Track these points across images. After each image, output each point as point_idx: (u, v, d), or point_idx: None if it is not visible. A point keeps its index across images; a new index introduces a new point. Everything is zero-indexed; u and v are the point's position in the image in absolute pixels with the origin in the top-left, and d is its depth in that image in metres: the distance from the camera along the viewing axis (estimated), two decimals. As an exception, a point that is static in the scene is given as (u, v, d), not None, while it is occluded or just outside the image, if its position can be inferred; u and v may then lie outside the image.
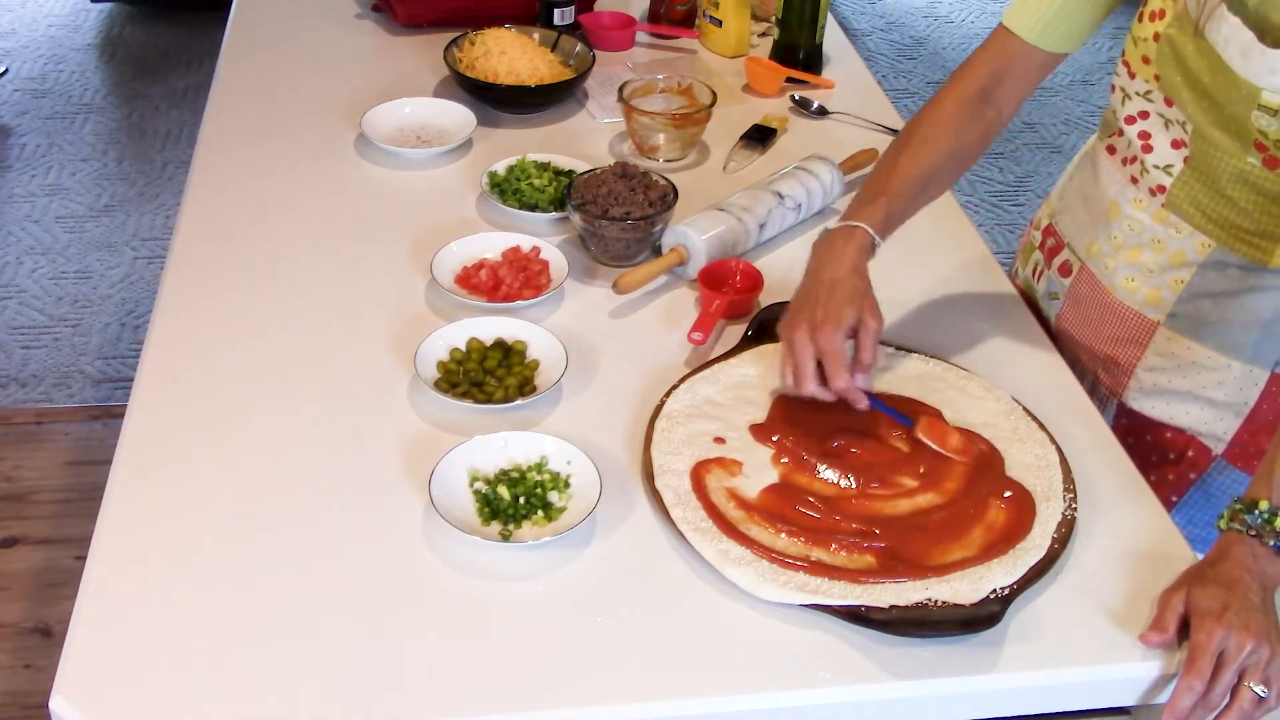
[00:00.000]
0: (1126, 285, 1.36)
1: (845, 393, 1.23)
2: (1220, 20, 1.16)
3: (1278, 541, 1.07)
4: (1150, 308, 1.34)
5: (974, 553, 1.13)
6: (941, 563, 1.11)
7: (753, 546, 1.11)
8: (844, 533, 1.14)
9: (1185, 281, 1.31)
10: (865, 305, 1.25)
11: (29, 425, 2.68)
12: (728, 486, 1.18)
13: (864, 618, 1.06)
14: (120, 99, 3.88)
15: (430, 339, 1.33)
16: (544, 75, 1.84)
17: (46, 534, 2.43)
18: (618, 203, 1.50)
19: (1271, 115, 1.15)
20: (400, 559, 1.12)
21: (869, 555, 1.12)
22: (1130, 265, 1.35)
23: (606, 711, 1.00)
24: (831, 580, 1.09)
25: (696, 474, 1.19)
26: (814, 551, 1.12)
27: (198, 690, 1.00)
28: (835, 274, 1.27)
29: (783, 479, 1.20)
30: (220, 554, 1.12)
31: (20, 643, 2.22)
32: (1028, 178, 3.66)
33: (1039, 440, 1.25)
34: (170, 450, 1.22)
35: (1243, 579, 1.06)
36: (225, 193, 1.63)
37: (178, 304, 1.42)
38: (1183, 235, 1.29)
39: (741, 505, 1.16)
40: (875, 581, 1.09)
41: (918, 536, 1.14)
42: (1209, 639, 1.02)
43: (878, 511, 1.17)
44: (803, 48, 1.97)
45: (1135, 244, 1.34)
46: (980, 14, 4.67)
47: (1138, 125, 1.31)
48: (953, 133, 1.34)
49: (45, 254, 3.17)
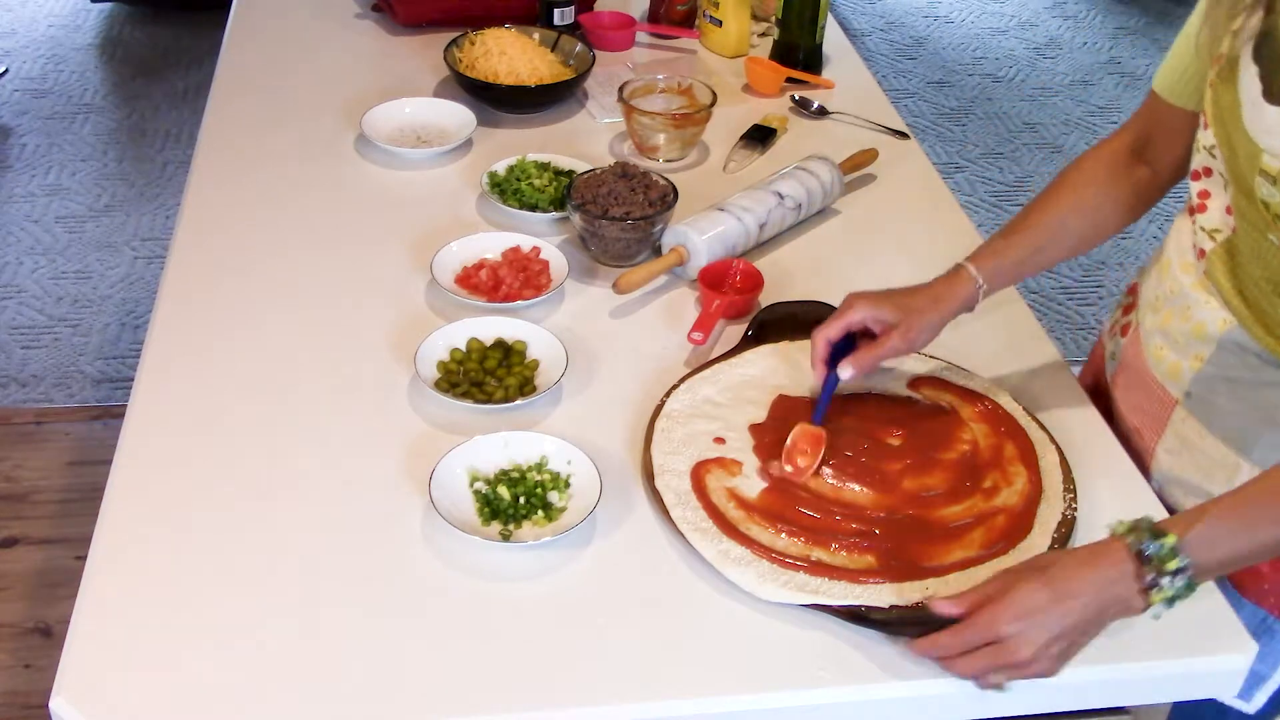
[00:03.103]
0: (1156, 353, 1.26)
1: (813, 363, 1.27)
2: (1244, 67, 1.07)
3: (1155, 578, 0.98)
4: (1171, 382, 1.24)
5: (974, 552, 1.13)
6: (941, 563, 1.12)
7: (753, 546, 1.11)
8: (844, 533, 1.14)
9: (1204, 359, 1.20)
10: (908, 323, 1.24)
11: (29, 425, 2.68)
12: (728, 486, 1.18)
13: (864, 617, 1.06)
14: (120, 99, 3.88)
15: (430, 339, 1.33)
16: (544, 75, 1.84)
17: (46, 534, 2.43)
18: (618, 203, 1.50)
19: (1272, 183, 1.05)
20: (400, 559, 1.12)
21: (869, 555, 1.12)
22: (1162, 332, 1.25)
23: (606, 711, 1.00)
24: (832, 580, 1.09)
25: (697, 474, 1.19)
26: (814, 551, 1.12)
27: (198, 690, 1.00)
28: (916, 288, 1.27)
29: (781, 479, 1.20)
30: (220, 554, 1.12)
31: (20, 643, 2.22)
32: (1028, 178, 3.66)
33: (1039, 440, 1.25)
34: (170, 450, 1.22)
35: (1083, 598, 0.98)
36: (225, 192, 1.63)
37: (177, 304, 1.42)
38: (1210, 308, 1.18)
39: (742, 505, 1.16)
40: (875, 581, 1.09)
41: (918, 536, 1.14)
42: (990, 625, 0.97)
43: (875, 509, 1.17)
44: (803, 48, 1.97)
45: (1170, 308, 1.24)
46: (980, 14, 4.67)
47: (1201, 182, 1.19)
48: (1091, 184, 1.28)
49: (45, 254, 3.17)
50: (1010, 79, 4.22)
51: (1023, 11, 4.70)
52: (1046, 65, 4.32)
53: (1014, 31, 4.55)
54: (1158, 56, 4.40)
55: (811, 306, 1.40)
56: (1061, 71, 4.29)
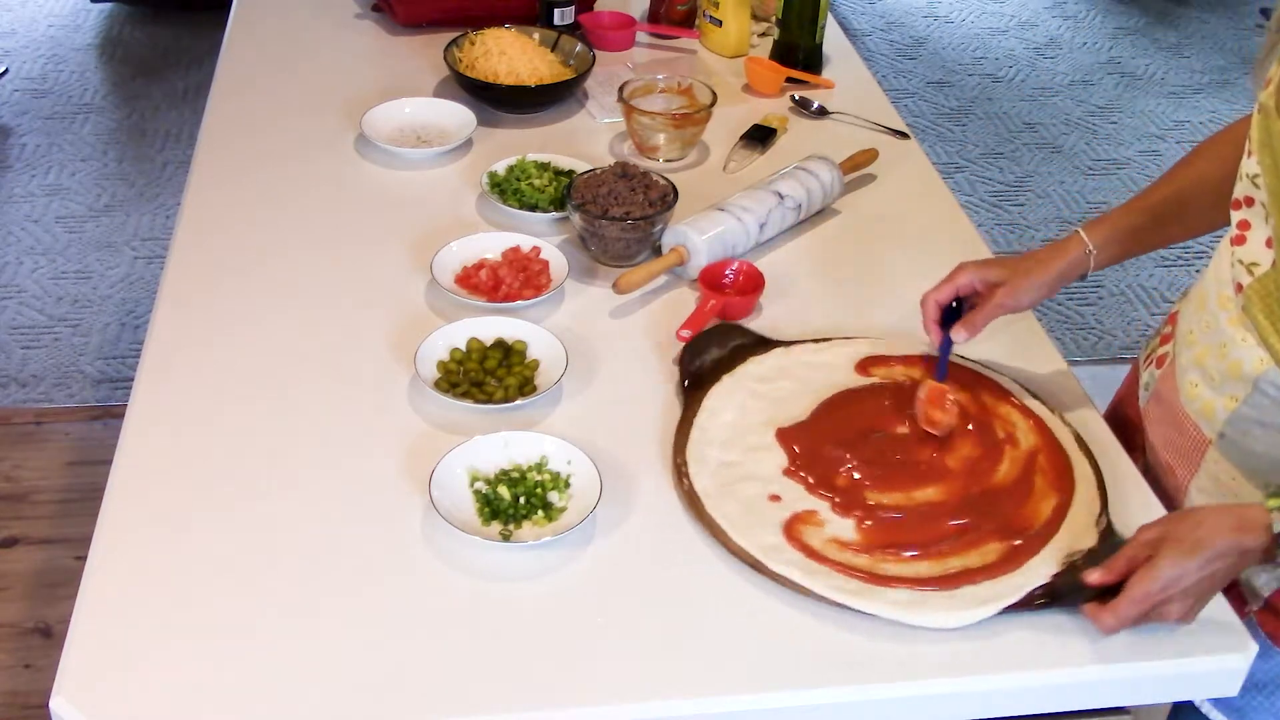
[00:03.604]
0: (1190, 390, 1.22)
1: (925, 326, 1.30)
2: None
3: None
4: (1204, 421, 1.20)
5: (1054, 499, 1.18)
6: (1041, 519, 1.16)
7: (909, 584, 1.10)
8: (951, 534, 1.15)
9: (1239, 400, 1.15)
10: (1014, 282, 1.26)
11: (29, 425, 2.68)
12: (828, 538, 1.14)
13: (1048, 601, 1.08)
14: (120, 99, 3.88)
15: (430, 339, 1.33)
16: (544, 75, 1.84)
17: (46, 534, 2.43)
18: (618, 203, 1.50)
19: None
20: (400, 559, 1.12)
21: (990, 542, 1.14)
22: (1197, 367, 1.21)
23: (606, 711, 1.00)
24: (992, 580, 1.10)
25: (795, 539, 1.13)
26: (948, 562, 1.12)
27: (198, 690, 1.00)
28: (1026, 253, 1.29)
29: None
30: (220, 554, 1.12)
31: (20, 643, 2.22)
32: (1028, 178, 3.66)
33: (1016, 390, 1.32)
34: (170, 450, 1.22)
35: (1226, 563, 1.02)
36: (225, 192, 1.63)
37: (177, 304, 1.42)
38: (1247, 346, 1.13)
39: (857, 548, 1.14)
40: (1013, 568, 1.11)
41: (1003, 505, 1.17)
42: (1145, 600, 1.02)
43: (952, 498, 1.19)
44: (803, 48, 1.97)
45: (1206, 344, 1.19)
46: (980, 14, 4.67)
47: (1241, 212, 1.13)
48: (1217, 159, 1.22)
49: (45, 254, 3.17)
50: (1010, 79, 4.22)
51: (1023, 11, 4.70)
52: (1046, 65, 4.32)
53: (1014, 31, 4.55)
54: (1158, 56, 4.40)
55: (723, 331, 1.37)
56: (1061, 71, 4.29)
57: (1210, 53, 4.46)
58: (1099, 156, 3.79)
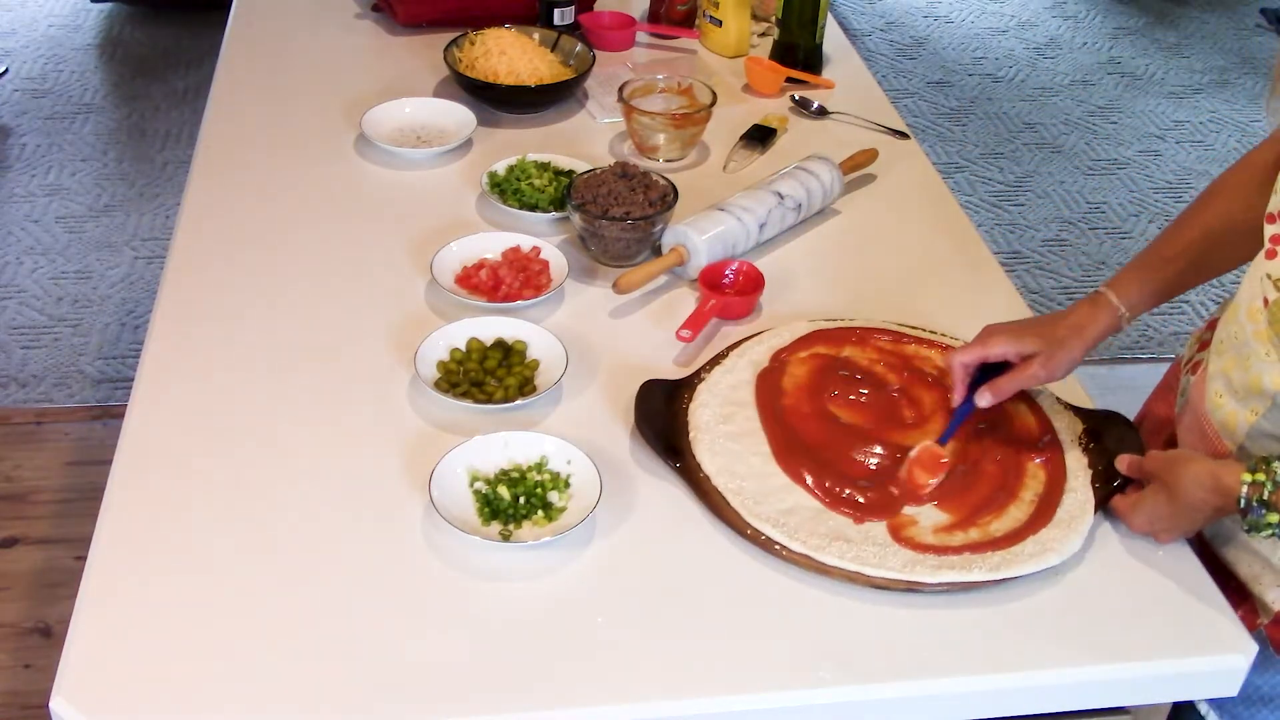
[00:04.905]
0: (1215, 399, 1.20)
1: (952, 386, 1.29)
2: None
3: (1248, 529, 1.05)
4: (1226, 432, 1.19)
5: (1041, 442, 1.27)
6: (1039, 442, 1.26)
7: (978, 549, 1.15)
8: (991, 489, 1.22)
9: (1259, 414, 1.14)
10: (1050, 354, 1.23)
11: (29, 425, 2.68)
12: (925, 527, 1.19)
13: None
14: (120, 99, 3.88)
15: (430, 339, 1.33)
16: (544, 75, 1.84)
17: (46, 534, 2.43)
18: (618, 203, 1.50)
19: None
20: (400, 559, 1.12)
21: (1041, 472, 1.23)
22: (1223, 377, 1.19)
23: (606, 711, 1.00)
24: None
25: (897, 535, 1.17)
26: (994, 521, 1.18)
27: (198, 690, 1.00)
28: (1056, 317, 1.26)
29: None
30: (220, 554, 1.12)
31: (20, 643, 2.22)
32: (1028, 178, 3.66)
33: None
34: (170, 450, 1.22)
35: (1201, 512, 1.11)
36: (225, 193, 1.63)
37: (178, 304, 1.42)
38: (1269, 361, 1.11)
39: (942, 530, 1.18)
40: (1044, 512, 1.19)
41: (997, 449, 1.25)
42: (1137, 529, 1.16)
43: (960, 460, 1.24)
44: (803, 48, 1.97)
45: (1233, 354, 1.17)
46: (980, 14, 4.67)
47: (1275, 225, 1.11)
48: (1240, 198, 1.21)
49: (45, 254, 3.17)
50: (1010, 79, 4.22)
51: (1023, 11, 4.70)
52: (1046, 65, 4.32)
53: (1014, 31, 4.55)
54: (1158, 56, 4.40)
55: (657, 386, 1.29)
56: (1061, 71, 4.29)
57: (1210, 53, 4.46)
58: (1099, 156, 3.79)
